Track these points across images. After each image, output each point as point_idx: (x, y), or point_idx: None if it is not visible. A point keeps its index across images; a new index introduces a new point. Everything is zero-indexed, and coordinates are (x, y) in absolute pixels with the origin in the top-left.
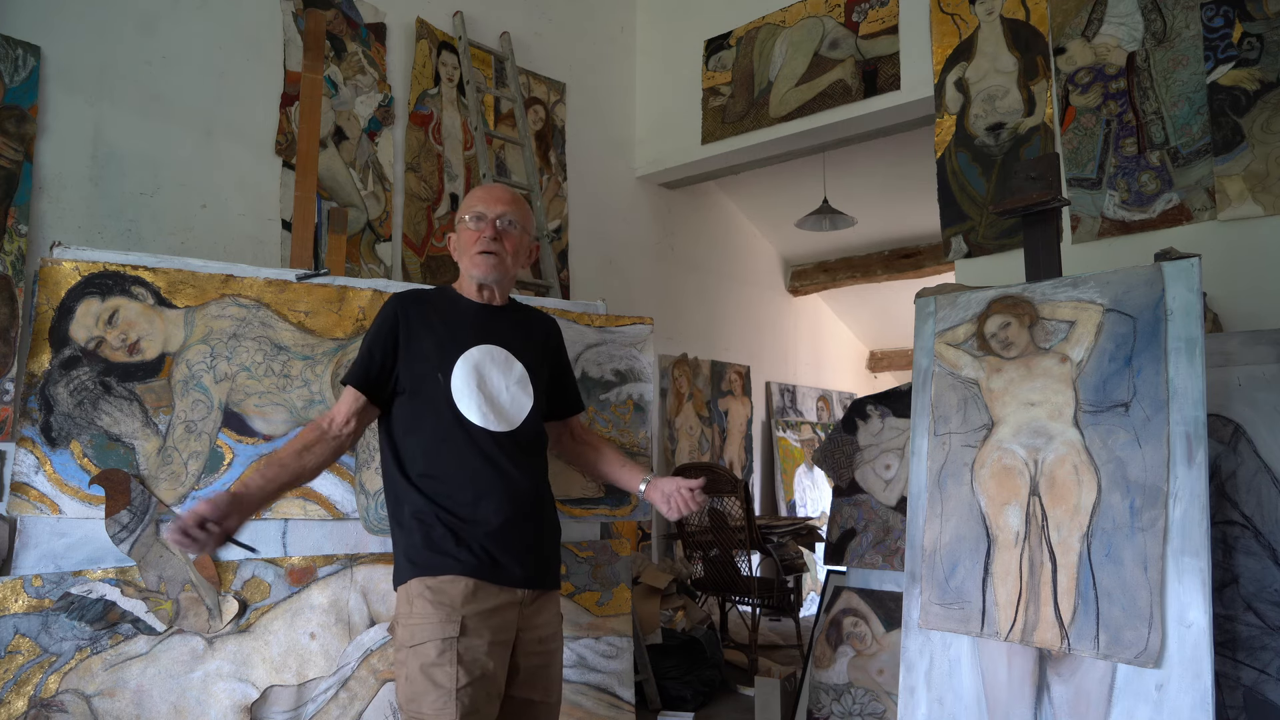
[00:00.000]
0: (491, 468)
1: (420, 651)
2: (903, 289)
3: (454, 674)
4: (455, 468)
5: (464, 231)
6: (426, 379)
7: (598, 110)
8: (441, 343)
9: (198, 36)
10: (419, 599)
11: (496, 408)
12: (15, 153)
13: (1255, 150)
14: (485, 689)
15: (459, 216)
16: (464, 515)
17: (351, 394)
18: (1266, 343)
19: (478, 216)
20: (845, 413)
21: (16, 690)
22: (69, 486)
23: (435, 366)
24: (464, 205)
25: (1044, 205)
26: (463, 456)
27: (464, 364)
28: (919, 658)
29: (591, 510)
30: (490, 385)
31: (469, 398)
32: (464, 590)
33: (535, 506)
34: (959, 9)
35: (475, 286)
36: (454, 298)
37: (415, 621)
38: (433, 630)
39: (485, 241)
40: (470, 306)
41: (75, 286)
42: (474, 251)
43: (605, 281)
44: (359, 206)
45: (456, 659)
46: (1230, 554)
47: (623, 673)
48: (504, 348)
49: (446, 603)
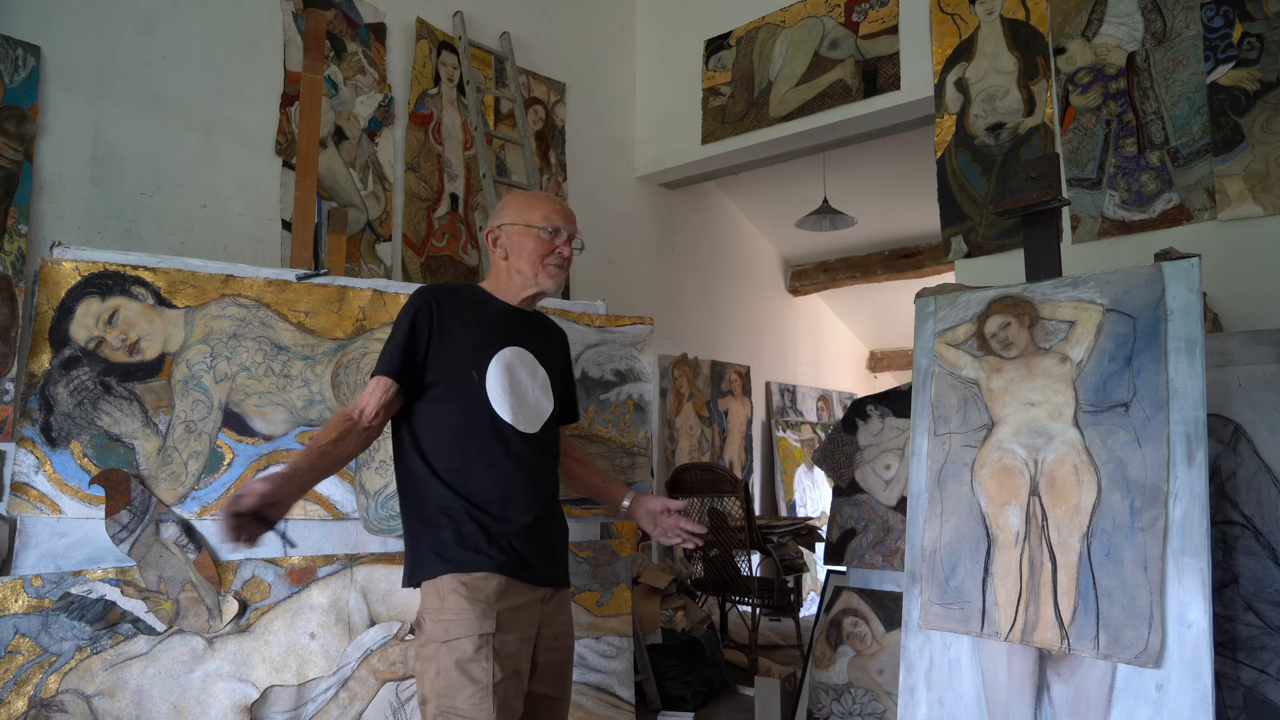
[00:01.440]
0: (520, 467)
1: (456, 646)
2: (903, 289)
3: (491, 669)
4: (485, 465)
5: (534, 239)
6: (460, 375)
7: (598, 110)
8: (476, 340)
9: (198, 36)
10: (452, 594)
11: (526, 409)
12: (15, 153)
13: (1255, 150)
14: (516, 684)
15: (526, 221)
16: (494, 513)
17: (384, 385)
18: (1266, 343)
19: (555, 230)
20: (845, 413)
21: (16, 690)
22: (69, 486)
23: (470, 364)
24: (535, 212)
25: (1044, 205)
26: (493, 455)
27: (498, 363)
28: (919, 658)
29: (591, 510)
30: (520, 386)
31: (502, 397)
32: (497, 587)
33: (554, 507)
34: (959, 9)
35: (527, 294)
36: (485, 297)
37: (449, 617)
38: (469, 626)
39: (562, 258)
40: (501, 308)
41: (75, 286)
42: (550, 263)
43: (605, 281)
44: (359, 206)
45: (493, 654)
46: (1230, 554)
47: (623, 673)
48: (530, 352)
49: (482, 599)
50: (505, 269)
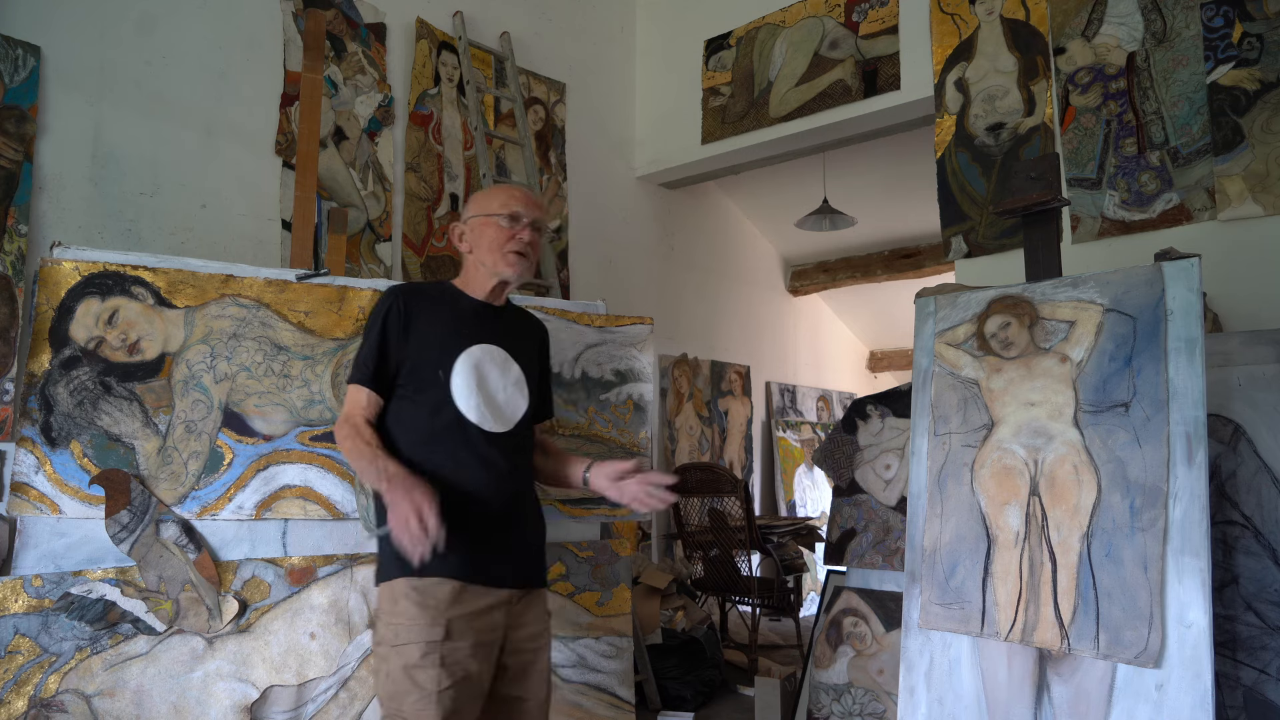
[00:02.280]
0: (486, 468)
1: (403, 651)
2: (903, 289)
3: (436, 676)
4: (449, 466)
5: (493, 228)
6: (426, 375)
7: (598, 110)
8: (443, 339)
9: (198, 36)
10: (404, 599)
11: (494, 408)
12: (15, 153)
13: (1255, 150)
14: (467, 690)
15: (485, 211)
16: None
17: (365, 395)
18: (1266, 343)
19: (514, 216)
20: (845, 413)
21: (16, 690)
22: (69, 486)
23: (436, 363)
24: (493, 201)
25: (1044, 205)
26: (458, 455)
27: (464, 362)
28: (919, 658)
29: (591, 510)
30: (489, 385)
31: (468, 397)
32: (450, 593)
33: (525, 507)
34: (959, 9)
35: (492, 285)
36: (454, 294)
37: (399, 621)
38: (417, 632)
39: (522, 243)
40: (471, 304)
41: (75, 286)
42: (508, 250)
43: (605, 281)
44: (359, 206)
45: (439, 662)
46: (1230, 554)
47: (623, 673)
48: (502, 348)
49: (432, 605)
50: (472, 263)
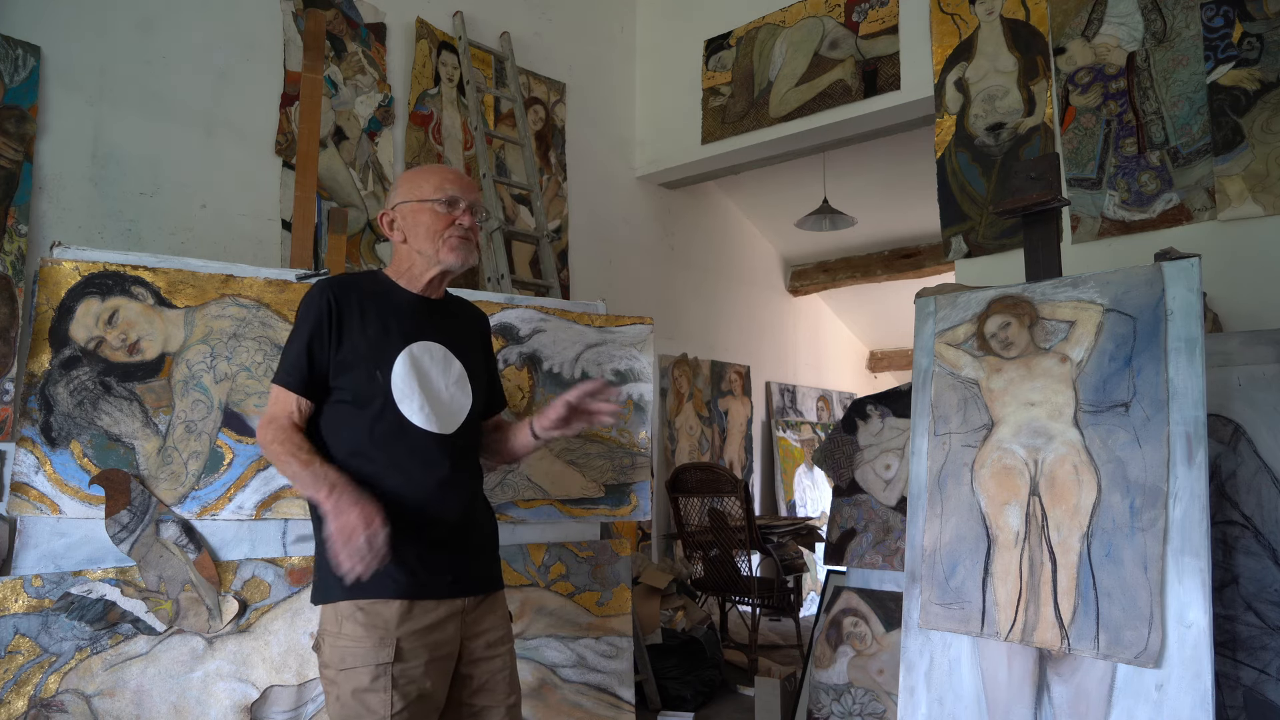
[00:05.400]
0: (432, 473)
1: (353, 676)
2: (903, 289)
3: (389, 700)
4: (392, 474)
5: (428, 214)
6: (362, 376)
7: (597, 110)
8: (379, 337)
9: (198, 36)
10: (349, 621)
11: (439, 408)
12: (15, 153)
13: (1255, 150)
14: (422, 709)
15: (417, 196)
16: (400, 526)
17: (292, 399)
18: (1266, 343)
19: (451, 200)
20: (845, 413)
21: (16, 690)
22: (69, 486)
23: (373, 363)
24: (426, 184)
25: (1044, 205)
26: (401, 461)
27: (404, 361)
28: (919, 658)
29: (591, 510)
30: (431, 385)
31: (410, 398)
32: (398, 611)
33: (475, 510)
34: (959, 9)
35: (431, 275)
36: (389, 287)
37: (345, 644)
38: (365, 655)
39: (463, 228)
40: (406, 298)
41: (75, 286)
42: (450, 236)
43: (605, 281)
44: (359, 206)
45: (391, 684)
46: (1230, 554)
47: (623, 673)
48: (442, 345)
49: (380, 625)
50: (406, 252)
